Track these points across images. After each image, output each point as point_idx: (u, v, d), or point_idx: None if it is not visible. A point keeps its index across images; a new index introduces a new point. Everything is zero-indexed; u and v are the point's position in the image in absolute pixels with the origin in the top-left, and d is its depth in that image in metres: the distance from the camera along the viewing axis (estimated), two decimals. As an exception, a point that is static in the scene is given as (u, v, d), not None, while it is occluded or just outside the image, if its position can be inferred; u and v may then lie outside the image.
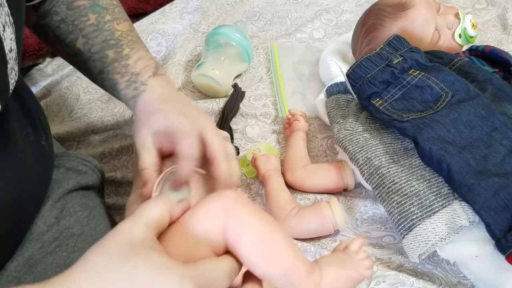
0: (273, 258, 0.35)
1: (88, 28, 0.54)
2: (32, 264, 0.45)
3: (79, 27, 0.55)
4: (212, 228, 0.34)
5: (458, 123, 0.57)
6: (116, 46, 0.55)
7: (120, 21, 0.56)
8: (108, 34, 0.55)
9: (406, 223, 0.54)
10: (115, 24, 0.56)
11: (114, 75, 0.54)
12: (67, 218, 0.50)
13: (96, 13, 0.55)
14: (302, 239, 0.61)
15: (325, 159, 0.73)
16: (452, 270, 0.56)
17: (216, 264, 0.34)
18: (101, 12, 0.55)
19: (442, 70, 0.64)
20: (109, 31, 0.55)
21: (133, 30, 0.58)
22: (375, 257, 0.58)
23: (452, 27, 0.74)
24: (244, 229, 0.34)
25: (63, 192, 0.51)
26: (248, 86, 0.88)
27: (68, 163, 0.54)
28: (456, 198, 0.54)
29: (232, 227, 0.34)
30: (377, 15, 0.76)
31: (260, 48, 0.96)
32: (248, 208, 0.35)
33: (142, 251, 0.31)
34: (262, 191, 0.68)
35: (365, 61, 0.67)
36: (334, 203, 0.61)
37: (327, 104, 0.73)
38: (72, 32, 0.55)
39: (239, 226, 0.34)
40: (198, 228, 0.35)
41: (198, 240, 0.34)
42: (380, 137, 0.63)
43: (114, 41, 0.55)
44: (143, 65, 0.55)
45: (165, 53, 0.97)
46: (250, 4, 1.08)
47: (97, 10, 0.55)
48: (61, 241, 0.48)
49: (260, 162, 0.68)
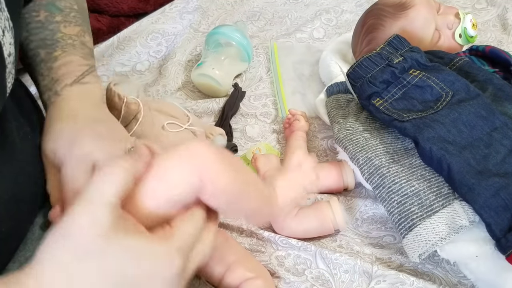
0: (246, 208, 0.36)
1: (34, 24, 0.53)
2: None
3: (27, 21, 0.53)
4: (185, 193, 0.33)
5: (458, 123, 0.57)
6: (51, 47, 0.52)
7: (68, 25, 0.54)
8: (48, 34, 0.53)
9: (406, 223, 0.54)
10: (62, 27, 0.54)
11: (38, 76, 0.52)
12: None
13: (48, 12, 0.53)
14: (303, 238, 0.61)
15: (325, 159, 0.73)
16: (452, 270, 0.56)
17: (192, 222, 0.33)
18: (53, 12, 0.54)
19: (442, 70, 0.64)
20: (51, 31, 0.53)
21: (81, 36, 0.55)
22: (375, 256, 0.58)
23: (452, 27, 0.74)
24: (220, 185, 0.33)
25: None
26: (248, 86, 0.88)
27: None
28: (456, 198, 0.54)
29: (209, 186, 0.32)
30: (377, 15, 0.76)
31: (260, 48, 0.96)
32: (220, 162, 0.33)
33: (115, 241, 0.28)
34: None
35: (365, 61, 0.67)
36: (334, 203, 0.61)
37: (327, 104, 0.73)
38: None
39: (215, 183, 0.33)
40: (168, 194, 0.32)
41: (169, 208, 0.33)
42: (380, 137, 0.63)
43: (51, 41, 0.52)
44: (65, 71, 0.52)
45: (165, 53, 0.97)
46: (250, 4, 1.08)
47: (50, 9, 0.54)
48: None
49: (260, 162, 0.67)
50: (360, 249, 0.59)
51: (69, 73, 0.52)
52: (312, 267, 0.57)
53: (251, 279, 0.53)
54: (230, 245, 0.56)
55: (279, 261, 0.58)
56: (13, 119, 0.46)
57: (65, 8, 0.55)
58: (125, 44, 0.97)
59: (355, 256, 0.57)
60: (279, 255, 0.59)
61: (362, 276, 0.55)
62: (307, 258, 0.58)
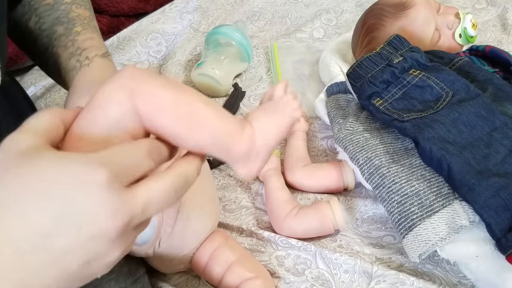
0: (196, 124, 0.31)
1: (43, 7, 0.51)
2: None
3: (34, 7, 0.51)
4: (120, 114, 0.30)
5: (458, 122, 0.57)
6: (68, 23, 0.50)
7: (79, 7, 0.52)
8: (62, 13, 0.50)
9: (406, 223, 0.54)
10: (74, 7, 0.51)
11: (58, 49, 0.49)
12: None
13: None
14: (303, 238, 0.61)
15: (325, 159, 0.73)
16: (452, 270, 0.56)
17: (131, 145, 0.29)
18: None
19: (442, 70, 0.64)
20: (64, 10, 0.51)
21: (93, 20, 0.53)
22: (375, 256, 0.58)
23: (452, 27, 0.74)
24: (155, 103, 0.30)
25: None
26: (248, 86, 0.88)
27: None
28: (456, 198, 0.54)
29: (142, 106, 0.30)
30: (377, 14, 0.76)
31: (260, 48, 0.96)
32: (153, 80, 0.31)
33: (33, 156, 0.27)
34: (262, 191, 0.68)
35: (365, 60, 0.67)
36: (334, 203, 0.61)
37: (327, 104, 0.73)
38: (27, 13, 0.51)
39: (149, 101, 0.30)
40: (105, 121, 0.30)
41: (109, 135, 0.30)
42: (380, 137, 0.63)
43: (67, 19, 0.50)
44: (91, 44, 0.49)
45: (165, 53, 0.97)
46: (250, 4, 1.08)
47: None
48: None
49: None
50: (360, 249, 0.59)
51: (96, 46, 0.49)
52: (312, 267, 0.57)
53: (251, 279, 0.53)
54: (229, 245, 0.56)
55: (279, 261, 0.58)
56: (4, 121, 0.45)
57: None
58: (125, 44, 0.97)
59: (355, 256, 0.57)
60: (279, 255, 0.59)
61: (362, 276, 0.55)
62: (307, 258, 0.58)
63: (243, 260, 0.55)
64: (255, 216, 0.65)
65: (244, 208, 0.67)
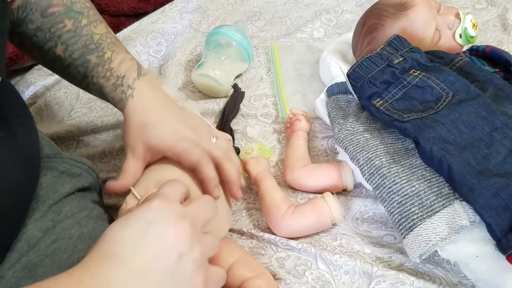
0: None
1: (66, 34, 0.55)
2: (31, 268, 0.44)
3: (57, 34, 0.55)
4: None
5: (458, 123, 0.57)
6: (97, 50, 0.55)
7: (96, 24, 0.57)
8: (87, 39, 0.55)
9: (406, 223, 0.54)
10: (93, 28, 0.56)
11: (99, 80, 0.55)
12: (64, 220, 0.48)
13: (72, 18, 0.55)
14: (302, 237, 0.61)
15: (325, 159, 0.73)
16: (453, 270, 0.56)
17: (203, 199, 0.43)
18: (77, 17, 0.55)
19: (442, 70, 0.64)
20: (87, 35, 0.55)
21: (110, 31, 0.58)
22: (375, 256, 0.58)
23: (453, 27, 0.74)
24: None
25: (59, 196, 0.50)
26: (248, 86, 0.88)
27: (62, 166, 0.52)
28: (456, 198, 0.54)
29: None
30: (377, 15, 0.76)
31: (260, 48, 0.96)
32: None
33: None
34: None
35: (365, 61, 0.67)
36: (329, 197, 0.61)
37: (327, 104, 0.73)
38: (50, 40, 0.55)
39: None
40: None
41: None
42: (380, 137, 0.63)
43: (94, 45, 0.55)
44: (126, 68, 0.56)
45: (165, 53, 0.97)
46: (250, 4, 1.08)
47: (72, 15, 0.55)
48: (60, 243, 0.46)
49: (250, 165, 0.68)
50: (360, 248, 0.59)
51: (129, 68, 0.56)
52: (313, 268, 0.57)
53: (252, 279, 0.53)
54: (230, 247, 0.56)
55: (280, 263, 0.58)
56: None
57: (83, 9, 0.56)
58: (125, 44, 0.97)
59: (355, 257, 0.57)
60: (279, 257, 0.59)
61: (362, 277, 0.55)
62: (307, 259, 0.58)
63: (244, 261, 0.55)
64: (255, 218, 0.65)
65: (244, 210, 0.67)
